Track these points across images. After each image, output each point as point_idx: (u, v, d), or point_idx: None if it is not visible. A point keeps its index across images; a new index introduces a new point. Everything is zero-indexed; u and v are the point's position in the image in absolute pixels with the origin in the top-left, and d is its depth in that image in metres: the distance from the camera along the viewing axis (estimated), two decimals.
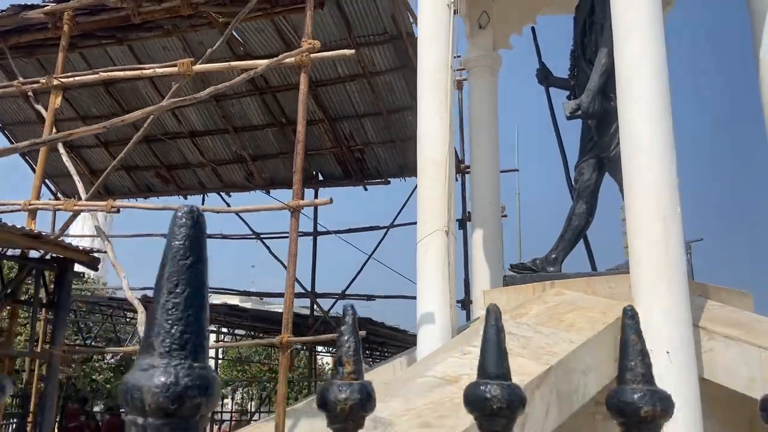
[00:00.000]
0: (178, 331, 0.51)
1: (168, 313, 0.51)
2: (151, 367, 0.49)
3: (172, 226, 0.55)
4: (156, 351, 0.50)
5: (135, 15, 5.37)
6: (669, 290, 3.56)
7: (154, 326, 0.51)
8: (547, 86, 6.29)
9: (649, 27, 4.00)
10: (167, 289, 0.52)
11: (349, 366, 0.64)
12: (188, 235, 0.53)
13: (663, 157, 3.79)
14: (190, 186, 11.39)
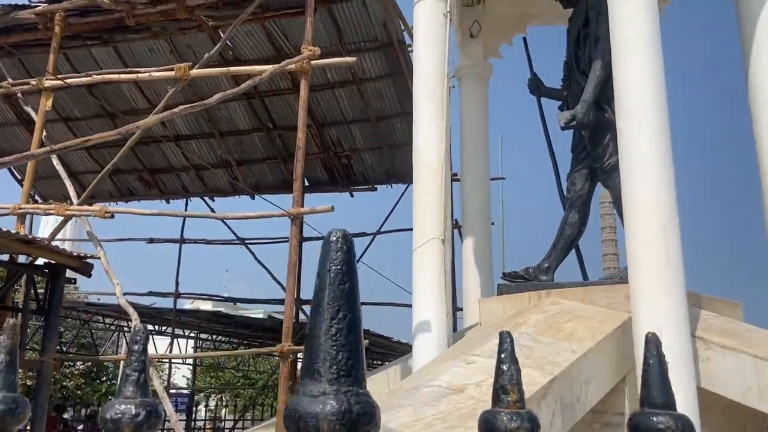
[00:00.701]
0: (344, 357, 0.50)
1: (333, 339, 0.50)
2: (322, 394, 0.48)
3: (327, 250, 0.53)
4: (324, 377, 0.49)
5: (129, 17, 5.29)
6: (669, 301, 3.61)
7: (319, 351, 0.49)
8: (539, 96, 6.34)
9: (648, 46, 4.07)
10: (330, 315, 0.50)
11: (514, 394, 0.62)
12: (345, 260, 0.52)
13: (662, 169, 3.85)
14: (173, 190, 11.25)
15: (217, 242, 11.19)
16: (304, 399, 0.48)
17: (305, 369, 0.50)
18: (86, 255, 4.90)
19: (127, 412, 0.62)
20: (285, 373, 4.05)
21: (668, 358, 3.30)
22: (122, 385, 0.65)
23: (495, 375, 0.69)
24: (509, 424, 0.62)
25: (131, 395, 0.64)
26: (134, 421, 0.61)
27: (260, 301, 10.63)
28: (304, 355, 0.53)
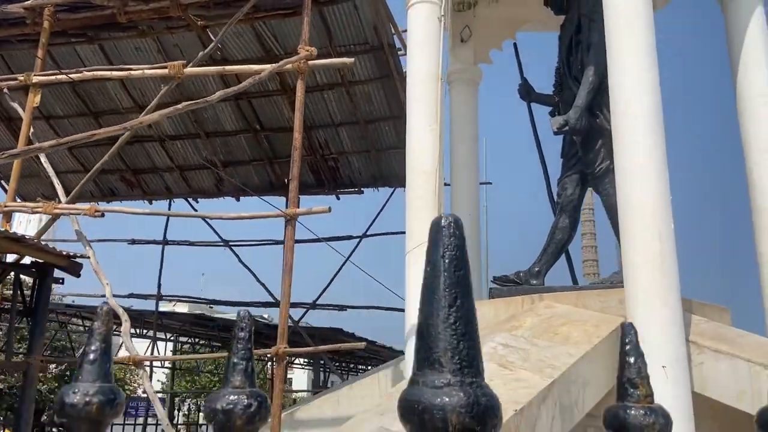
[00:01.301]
0: (465, 347, 0.48)
1: (453, 329, 0.48)
2: (446, 385, 0.46)
3: (439, 236, 0.51)
4: (446, 368, 0.47)
5: (121, 14, 5.21)
6: (665, 306, 3.64)
7: (438, 341, 0.47)
8: (530, 102, 6.39)
9: (643, 52, 4.11)
10: (447, 302, 0.48)
11: (644, 388, 0.61)
12: (458, 246, 0.50)
13: (657, 174, 3.89)
14: (156, 191, 11.10)
15: (200, 244, 11.06)
16: (426, 390, 0.46)
17: (422, 359, 0.48)
18: (75, 254, 4.80)
19: (239, 402, 0.59)
20: (280, 375, 4.00)
21: (665, 362, 3.32)
22: (230, 374, 0.62)
23: (619, 369, 0.67)
24: (643, 420, 0.60)
25: (241, 385, 0.61)
26: (247, 412, 0.59)
27: (244, 304, 10.52)
28: (416, 344, 0.51)
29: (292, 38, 7.91)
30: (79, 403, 0.61)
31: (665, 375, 3.51)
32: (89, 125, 9.96)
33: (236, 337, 0.66)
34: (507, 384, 3.16)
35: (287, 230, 4.45)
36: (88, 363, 0.65)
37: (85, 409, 0.61)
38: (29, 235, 4.64)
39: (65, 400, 0.61)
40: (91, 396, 0.62)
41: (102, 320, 0.67)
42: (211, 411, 0.60)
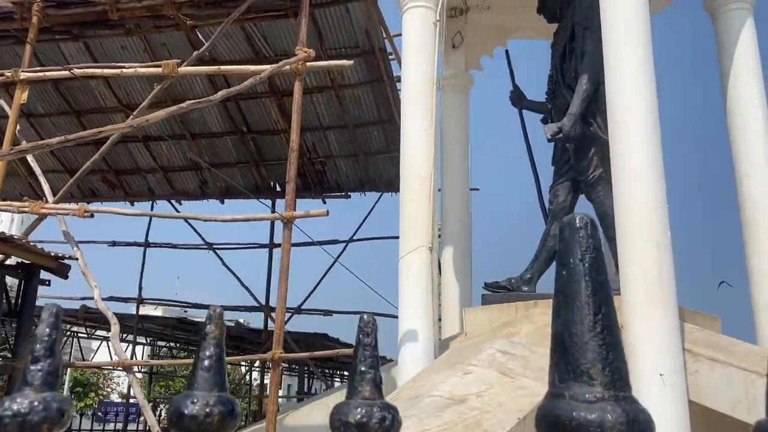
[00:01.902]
0: (615, 358, 0.44)
1: (600, 338, 0.44)
2: (600, 399, 0.42)
3: (575, 238, 0.47)
4: (596, 381, 0.42)
5: (113, 11, 5.10)
6: (662, 315, 3.64)
7: (586, 351, 0.43)
8: (521, 108, 6.40)
9: (641, 61, 4.13)
10: (592, 310, 0.44)
11: None
12: (597, 248, 0.46)
13: (655, 184, 3.90)
14: (139, 192, 10.93)
15: (183, 246, 10.89)
16: (574, 404, 0.42)
17: (566, 371, 0.44)
18: (63, 256, 4.67)
19: (373, 415, 0.55)
20: (275, 380, 3.92)
21: (662, 370, 3.30)
22: (358, 384, 0.58)
23: None
24: None
25: (371, 396, 0.57)
26: (382, 425, 0.54)
27: (228, 308, 10.38)
28: (556, 354, 0.47)
29: (281, 40, 7.84)
30: (200, 415, 0.56)
31: (663, 383, 3.51)
32: (71, 124, 9.78)
33: (362, 343, 0.61)
34: (509, 392, 3.13)
35: (284, 233, 4.38)
36: (204, 370, 0.60)
37: (206, 421, 0.56)
38: (17, 234, 4.50)
39: (184, 411, 0.56)
40: (212, 406, 0.57)
41: (215, 323, 0.62)
42: (343, 424, 0.56)
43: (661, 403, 3.46)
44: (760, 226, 5.03)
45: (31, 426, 0.53)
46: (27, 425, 0.53)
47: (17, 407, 0.58)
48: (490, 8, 7.41)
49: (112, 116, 9.57)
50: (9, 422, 0.53)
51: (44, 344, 0.67)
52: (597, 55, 5.26)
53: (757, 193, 5.06)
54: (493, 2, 7.43)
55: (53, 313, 0.70)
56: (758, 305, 4.89)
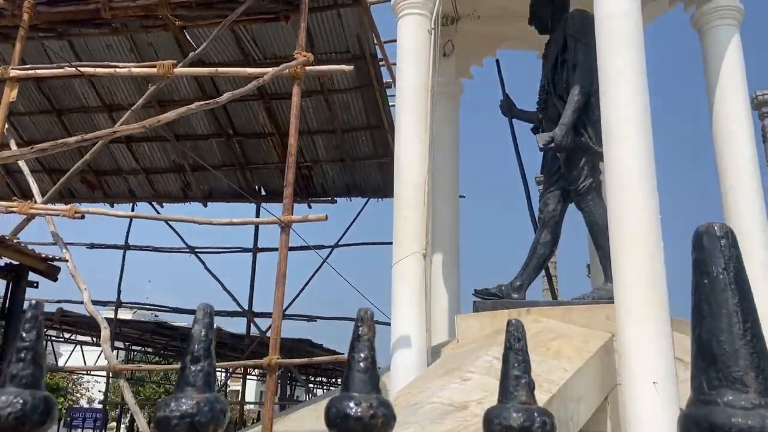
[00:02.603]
0: (764, 365, 0.45)
1: (751, 346, 0.45)
2: (757, 406, 0.43)
3: (715, 246, 0.48)
4: (750, 388, 0.43)
5: (105, 10, 5.03)
6: (655, 323, 3.70)
7: (738, 358, 0.44)
8: (511, 118, 6.46)
9: (635, 75, 4.21)
10: (742, 318, 0.45)
11: None
12: (739, 257, 0.47)
13: (648, 194, 3.97)
14: (119, 193, 10.78)
15: (164, 250, 10.75)
16: (730, 411, 0.43)
17: (715, 377, 0.44)
18: (54, 257, 4.56)
19: (534, 420, 0.56)
20: (272, 387, 3.87)
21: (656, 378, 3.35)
22: (512, 387, 0.58)
23: None
24: None
25: (527, 401, 0.58)
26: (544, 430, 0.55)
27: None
28: (698, 360, 0.48)
29: (271, 43, 7.82)
30: (365, 416, 0.56)
31: (656, 391, 3.56)
32: (52, 123, 9.63)
33: (512, 348, 0.61)
34: None
35: (281, 237, 4.35)
36: (360, 372, 0.59)
37: (371, 423, 0.56)
38: (7, 235, 4.39)
39: (348, 413, 0.56)
40: (375, 408, 0.56)
41: (367, 325, 0.62)
42: (505, 429, 0.56)
43: (653, 409, 3.51)
44: (744, 236, 5.13)
45: (199, 426, 0.52)
46: (195, 426, 0.52)
47: (185, 408, 0.57)
48: (480, 18, 7.47)
49: (95, 116, 9.45)
50: (177, 423, 0.52)
51: (202, 345, 0.65)
52: (588, 67, 5.34)
53: (741, 205, 5.17)
54: (483, 12, 7.49)
55: (208, 313, 0.68)
56: None
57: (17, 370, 0.58)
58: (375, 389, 0.59)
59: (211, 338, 0.75)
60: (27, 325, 0.58)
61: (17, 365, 0.57)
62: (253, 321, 9.69)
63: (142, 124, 4.10)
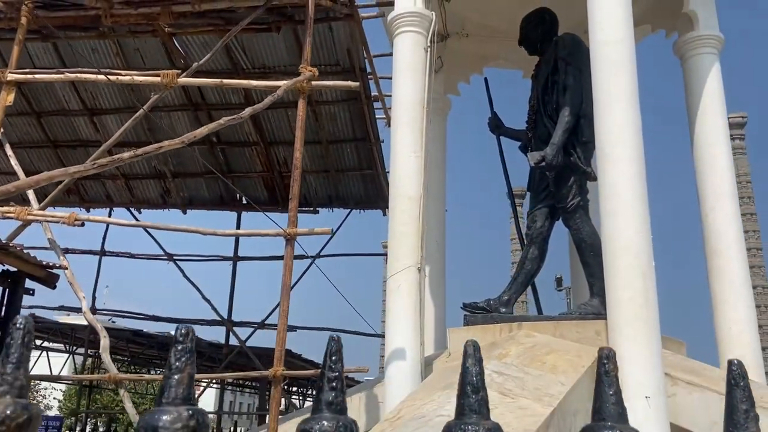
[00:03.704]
0: None
1: None
2: None
3: None
4: None
5: (107, 16, 5.00)
6: (647, 339, 3.84)
7: None
8: (498, 135, 6.61)
9: (628, 99, 4.37)
10: None
11: None
12: None
13: (640, 214, 4.12)
14: (96, 198, 10.61)
15: (142, 257, 10.60)
16: None
17: None
18: (54, 264, 4.48)
19: None
20: (277, 398, 3.89)
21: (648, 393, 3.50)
22: (604, 406, 0.63)
23: None
24: None
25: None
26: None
27: (190, 321, 10.13)
28: None
29: (261, 54, 7.85)
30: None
31: (648, 405, 3.70)
32: (30, 125, 9.46)
33: (606, 373, 0.68)
34: (512, 412, 3.23)
35: (287, 250, 4.38)
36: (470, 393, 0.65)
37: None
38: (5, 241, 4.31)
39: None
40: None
41: (613, 362, 0.68)
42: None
43: (646, 424, 3.64)
44: (723, 256, 5.35)
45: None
46: None
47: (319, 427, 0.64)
48: (469, 36, 7.63)
49: (75, 119, 9.31)
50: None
51: (333, 371, 0.72)
52: (578, 89, 5.53)
53: (721, 225, 5.38)
54: (471, 31, 7.66)
55: (337, 341, 0.75)
56: (721, 331, 5.19)
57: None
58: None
59: (341, 366, 0.82)
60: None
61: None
62: (232, 330, 9.62)
63: (182, 140, 4.12)
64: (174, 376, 0.62)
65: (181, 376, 0.62)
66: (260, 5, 5.28)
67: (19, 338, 0.62)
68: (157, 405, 0.62)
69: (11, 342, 0.61)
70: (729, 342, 5.07)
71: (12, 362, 0.60)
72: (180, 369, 0.63)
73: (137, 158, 3.86)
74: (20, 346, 0.61)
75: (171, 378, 0.62)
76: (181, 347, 0.64)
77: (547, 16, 6.12)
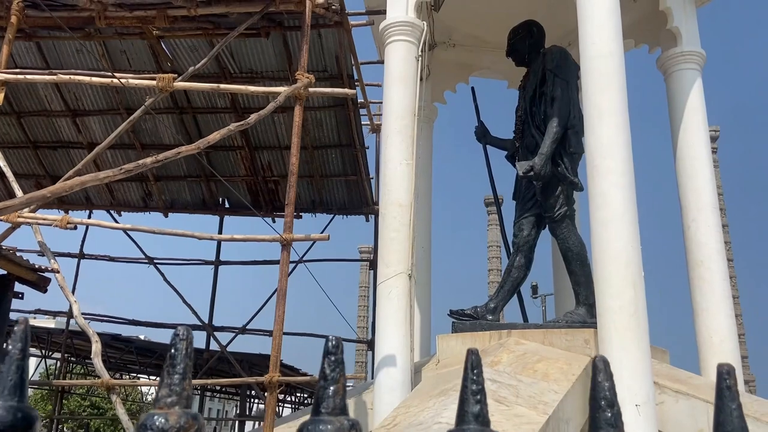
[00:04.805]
0: None
1: None
2: None
3: None
4: None
5: (101, 18, 4.94)
6: (637, 348, 3.93)
7: None
8: (485, 144, 6.70)
9: (618, 111, 4.47)
10: None
11: None
12: None
13: (630, 226, 4.21)
14: (74, 200, 10.43)
15: (121, 260, 10.46)
16: None
17: None
18: (45, 268, 4.40)
19: None
20: (272, 404, 3.87)
21: (638, 401, 3.59)
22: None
23: None
24: None
25: None
26: None
27: (168, 326, 10.02)
28: None
29: (249, 58, 7.82)
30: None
31: (638, 412, 3.78)
32: (9, 125, 9.28)
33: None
34: (509, 419, 3.28)
35: (282, 255, 4.37)
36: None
37: None
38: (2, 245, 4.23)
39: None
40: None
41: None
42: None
43: (636, 430, 3.72)
44: (704, 267, 5.49)
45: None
46: None
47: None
48: (456, 46, 7.73)
49: (56, 120, 9.17)
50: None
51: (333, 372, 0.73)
52: (566, 101, 5.64)
53: (702, 236, 5.52)
54: (457, 40, 7.75)
55: (337, 342, 0.76)
56: (702, 340, 5.32)
57: None
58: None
59: None
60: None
61: None
62: (213, 335, 9.54)
63: (197, 145, 4.10)
64: (330, 387, 0.64)
65: (336, 386, 0.64)
66: (256, 11, 5.27)
67: (183, 349, 0.63)
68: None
69: (176, 353, 0.63)
70: (710, 350, 5.19)
71: (178, 373, 0.62)
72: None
73: (158, 164, 3.82)
74: (185, 357, 0.63)
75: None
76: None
77: (535, 29, 6.22)
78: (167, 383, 0.60)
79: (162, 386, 0.60)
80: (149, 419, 0.58)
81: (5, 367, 0.66)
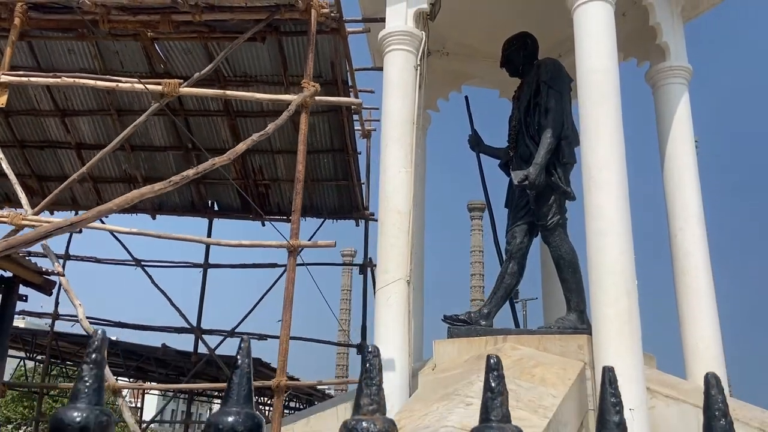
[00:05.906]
0: None
1: None
2: None
3: None
4: None
5: (104, 21, 4.95)
6: (631, 354, 4.07)
7: None
8: (478, 152, 6.83)
9: (613, 125, 4.62)
10: None
11: None
12: None
13: (624, 236, 4.36)
14: (61, 201, 10.30)
15: (108, 262, 10.38)
16: None
17: None
18: (50, 271, 4.38)
19: None
20: (279, 408, 3.92)
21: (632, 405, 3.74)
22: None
23: None
24: None
25: None
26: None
27: (158, 329, 9.98)
28: None
29: (243, 63, 7.86)
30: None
31: (632, 417, 3.91)
32: None
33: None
34: None
35: (290, 261, 4.43)
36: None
37: None
38: None
39: None
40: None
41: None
42: None
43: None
44: (689, 275, 5.66)
45: None
46: None
47: None
48: (449, 55, 7.85)
49: (45, 120, 9.10)
50: None
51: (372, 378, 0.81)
52: (560, 112, 5.78)
53: (689, 245, 5.70)
54: (451, 49, 7.87)
55: (375, 349, 0.85)
56: (688, 346, 5.49)
57: None
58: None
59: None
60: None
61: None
62: (201, 338, 9.52)
63: (228, 156, 4.16)
64: (497, 398, 0.73)
65: (501, 398, 0.73)
66: (262, 18, 5.33)
67: (377, 364, 0.72)
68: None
69: (370, 367, 0.71)
70: (696, 357, 5.36)
71: (376, 384, 0.70)
72: (500, 392, 0.74)
73: (198, 175, 3.86)
74: (379, 372, 0.71)
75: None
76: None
77: (529, 41, 6.36)
78: (367, 393, 0.69)
79: (362, 396, 0.69)
80: (357, 425, 0.66)
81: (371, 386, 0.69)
